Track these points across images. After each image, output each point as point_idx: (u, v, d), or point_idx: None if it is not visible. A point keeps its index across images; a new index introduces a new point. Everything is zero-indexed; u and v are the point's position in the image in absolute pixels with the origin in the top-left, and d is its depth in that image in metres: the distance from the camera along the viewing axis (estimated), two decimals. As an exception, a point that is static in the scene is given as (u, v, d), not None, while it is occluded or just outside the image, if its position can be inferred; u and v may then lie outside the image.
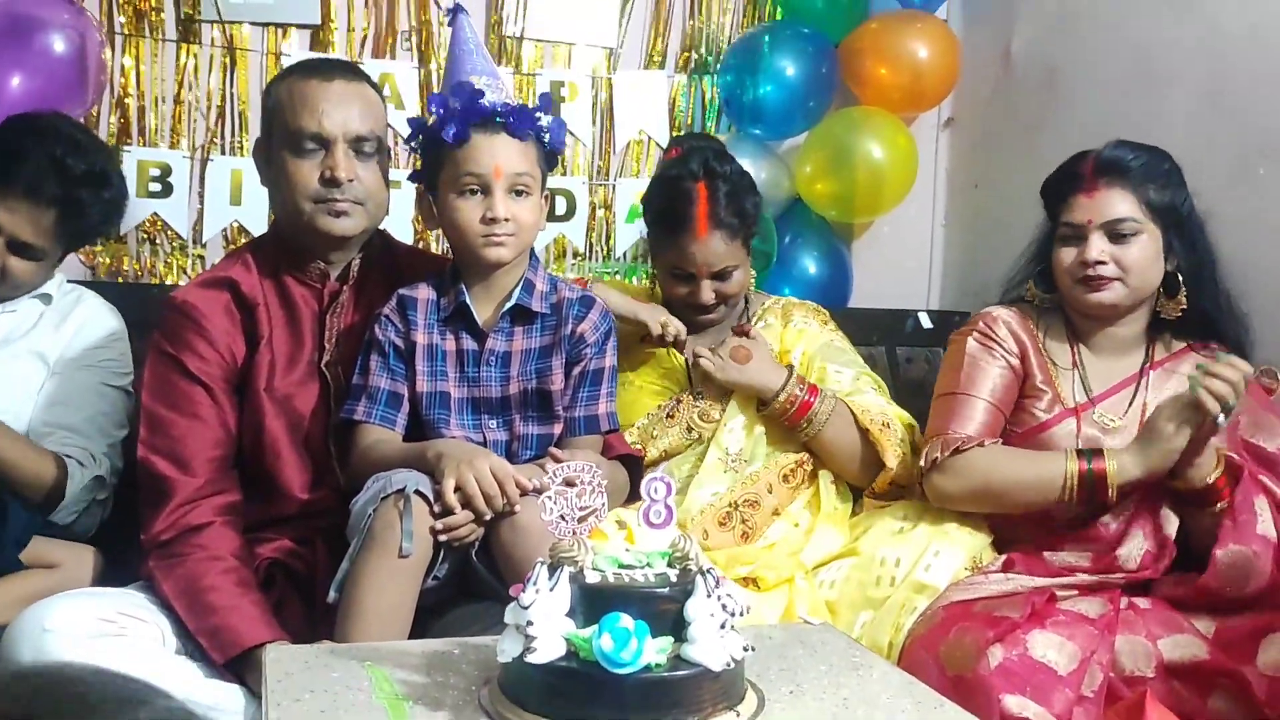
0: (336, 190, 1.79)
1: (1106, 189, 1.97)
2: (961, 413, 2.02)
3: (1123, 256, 1.96)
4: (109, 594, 1.70)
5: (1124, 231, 1.96)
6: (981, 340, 2.07)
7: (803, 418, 2.09)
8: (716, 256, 2.13)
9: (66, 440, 1.93)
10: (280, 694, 1.25)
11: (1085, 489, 1.88)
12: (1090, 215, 1.97)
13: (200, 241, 2.75)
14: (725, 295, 2.17)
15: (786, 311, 2.30)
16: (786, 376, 2.11)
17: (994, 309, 2.12)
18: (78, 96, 2.52)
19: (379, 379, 1.81)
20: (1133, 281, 1.97)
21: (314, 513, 1.84)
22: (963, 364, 2.06)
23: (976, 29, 3.03)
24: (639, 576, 1.22)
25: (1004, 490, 1.95)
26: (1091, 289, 1.98)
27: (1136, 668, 1.72)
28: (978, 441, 1.97)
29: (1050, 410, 2.02)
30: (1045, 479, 1.91)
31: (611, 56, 2.99)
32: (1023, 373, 2.06)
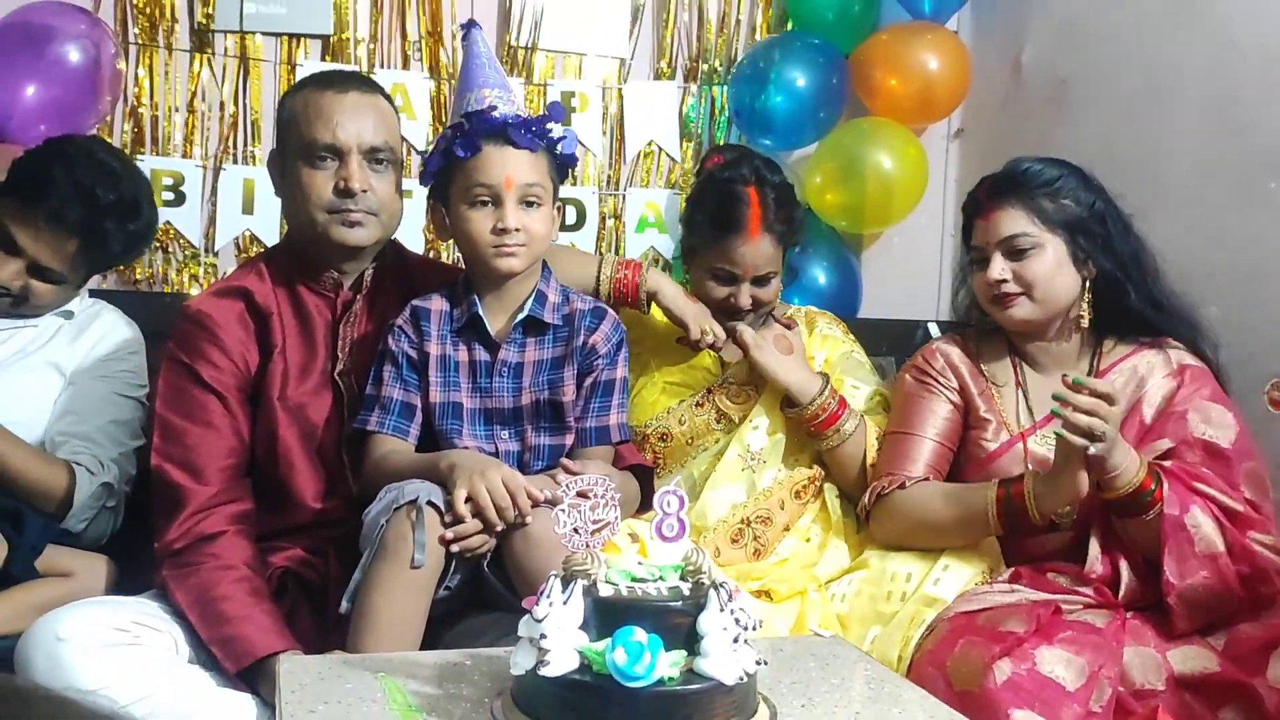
0: (350, 201, 1.80)
1: (998, 209, 2.00)
2: (905, 452, 2.04)
3: (1023, 272, 1.98)
4: (123, 603, 1.71)
5: (1020, 247, 1.98)
6: (918, 377, 2.10)
7: (829, 428, 2.11)
8: (763, 260, 2.15)
9: (78, 449, 1.93)
10: (294, 705, 1.26)
11: (1005, 515, 1.89)
12: (987, 237, 2.01)
13: (212, 250, 2.76)
14: (761, 302, 2.19)
15: (810, 319, 2.33)
16: (823, 384, 2.12)
17: (934, 342, 2.15)
18: (92, 106, 2.54)
19: (392, 389, 1.81)
20: (1038, 295, 1.98)
21: (326, 522, 1.85)
22: (904, 403, 2.09)
23: (987, 40, 3.04)
24: (652, 590, 1.23)
25: (931, 527, 1.96)
26: (1002, 307, 2.00)
27: (1146, 680, 1.72)
28: (899, 484, 1.99)
29: (996, 438, 2.03)
30: (969, 510, 1.92)
31: (622, 67, 3.00)
32: (963, 405, 2.07)
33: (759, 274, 2.16)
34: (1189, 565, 1.78)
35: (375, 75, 2.78)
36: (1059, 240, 1.99)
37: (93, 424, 1.98)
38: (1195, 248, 2.13)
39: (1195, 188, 2.31)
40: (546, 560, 1.59)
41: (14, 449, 1.85)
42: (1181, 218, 2.15)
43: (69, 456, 1.91)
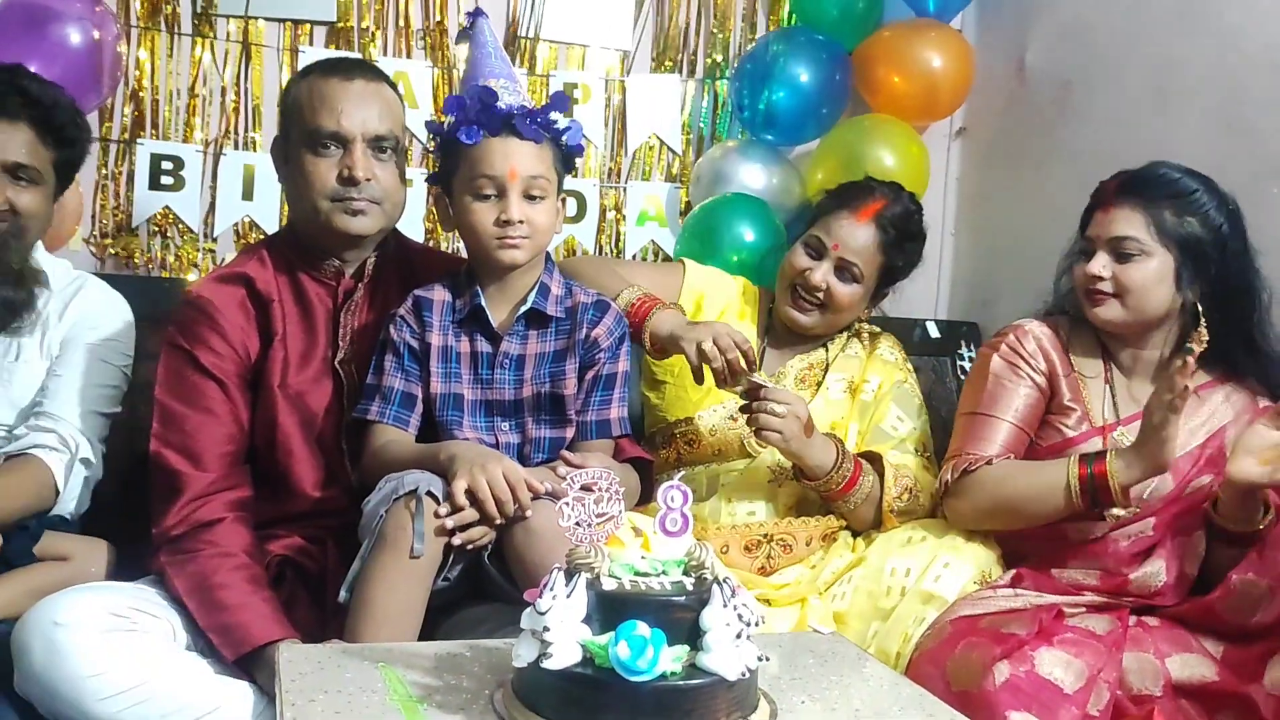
0: (354, 189, 1.80)
1: (1119, 207, 1.97)
2: (983, 434, 2.01)
3: (1122, 275, 1.95)
4: (120, 588, 1.70)
5: (1127, 251, 1.95)
6: (1008, 358, 2.05)
7: (849, 493, 2.06)
8: (856, 247, 2.15)
9: (42, 434, 1.88)
10: (295, 694, 1.26)
11: (1088, 492, 1.87)
12: (1100, 231, 1.98)
13: (211, 235, 2.75)
14: (834, 298, 2.16)
15: (873, 340, 2.30)
16: (837, 452, 2.05)
17: (1026, 322, 2.09)
18: (92, 88, 2.52)
19: (393, 379, 1.81)
20: (1130, 301, 1.96)
21: (325, 511, 1.84)
22: (987, 382, 2.04)
23: (991, 39, 3.03)
24: (655, 584, 1.23)
25: (1014, 504, 1.94)
26: (1092, 303, 1.99)
27: (1144, 686, 1.72)
28: (986, 460, 1.97)
29: (1078, 427, 2.01)
30: (1050, 487, 1.90)
31: (625, 59, 2.99)
32: (1049, 390, 2.04)
33: (845, 260, 2.15)
34: (1268, 570, 1.76)
35: (379, 63, 2.77)
36: (1168, 255, 1.95)
37: (62, 391, 1.93)
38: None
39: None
40: (547, 553, 1.58)
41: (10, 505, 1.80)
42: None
43: (30, 445, 1.86)
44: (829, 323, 2.22)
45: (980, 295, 3.05)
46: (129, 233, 2.71)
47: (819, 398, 2.20)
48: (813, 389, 2.21)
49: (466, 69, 1.92)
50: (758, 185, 2.87)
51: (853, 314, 2.24)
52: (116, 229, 2.71)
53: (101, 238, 2.70)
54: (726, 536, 2.05)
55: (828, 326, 2.23)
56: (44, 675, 1.52)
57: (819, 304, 2.19)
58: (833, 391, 2.21)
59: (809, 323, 2.20)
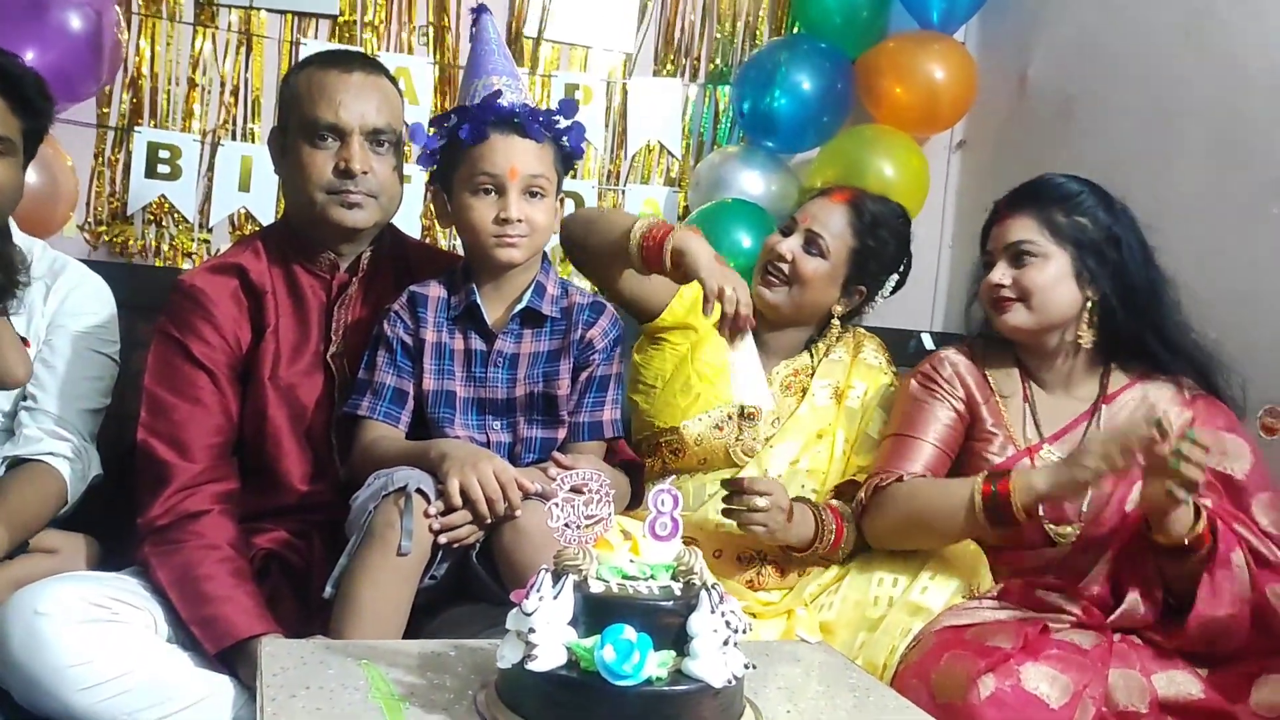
0: (350, 182, 1.79)
1: (1012, 216, 2.02)
2: (905, 454, 2.02)
3: (1021, 279, 1.98)
4: (102, 578, 1.69)
5: (1025, 253, 1.98)
6: (924, 383, 2.07)
7: (838, 547, 2.03)
8: (824, 224, 2.15)
9: (53, 442, 1.85)
10: (276, 689, 1.24)
11: (991, 509, 1.86)
12: (996, 242, 2.03)
13: (206, 226, 2.74)
14: (798, 271, 2.13)
15: (858, 343, 2.27)
16: (816, 520, 2.01)
17: (944, 350, 2.13)
18: (92, 74, 2.51)
19: (385, 375, 1.80)
20: (1034, 304, 1.98)
21: (312, 505, 1.83)
22: (908, 406, 2.07)
23: (994, 53, 3.03)
24: (643, 588, 1.22)
25: (922, 519, 1.93)
26: (999, 311, 2.01)
27: (1130, 703, 1.71)
28: (896, 476, 1.97)
29: (1002, 452, 2.01)
30: (956, 503, 1.89)
31: (628, 62, 2.99)
32: (969, 416, 2.05)
33: (812, 232, 2.13)
34: (1223, 601, 1.76)
35: (380, 58, 2.76)
36: (1065, 255, 1.98)
37: (64, 391, 1.91)
38: (1196, 270, 2.12)
39: (1199, 211, 2.30)
40: (535, 553, 1.57)
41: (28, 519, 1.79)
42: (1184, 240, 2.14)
43: (45, 453, 1.84)
44: (796, 303, 2.16)
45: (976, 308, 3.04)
46: (123, 220, 2.70)
47: (805, 404, 2.17)
48: (798, 395, 2.19)
49: (467, 64, 1.91)
50: (757, 192, 2.87)
51: (819, 295, 2.16)
52: (111, 216, 2.70)
53: (96, 225, 2.69)
54: (722, 541, 2.03)
55: (795, 308, 2.17)
56: (24, 664, 1.51)
57: (785, 278, 2.15)
58: (819, 398, 2.18)
59: (775, 299, 2.15)
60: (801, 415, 2.15)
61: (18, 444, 1.85)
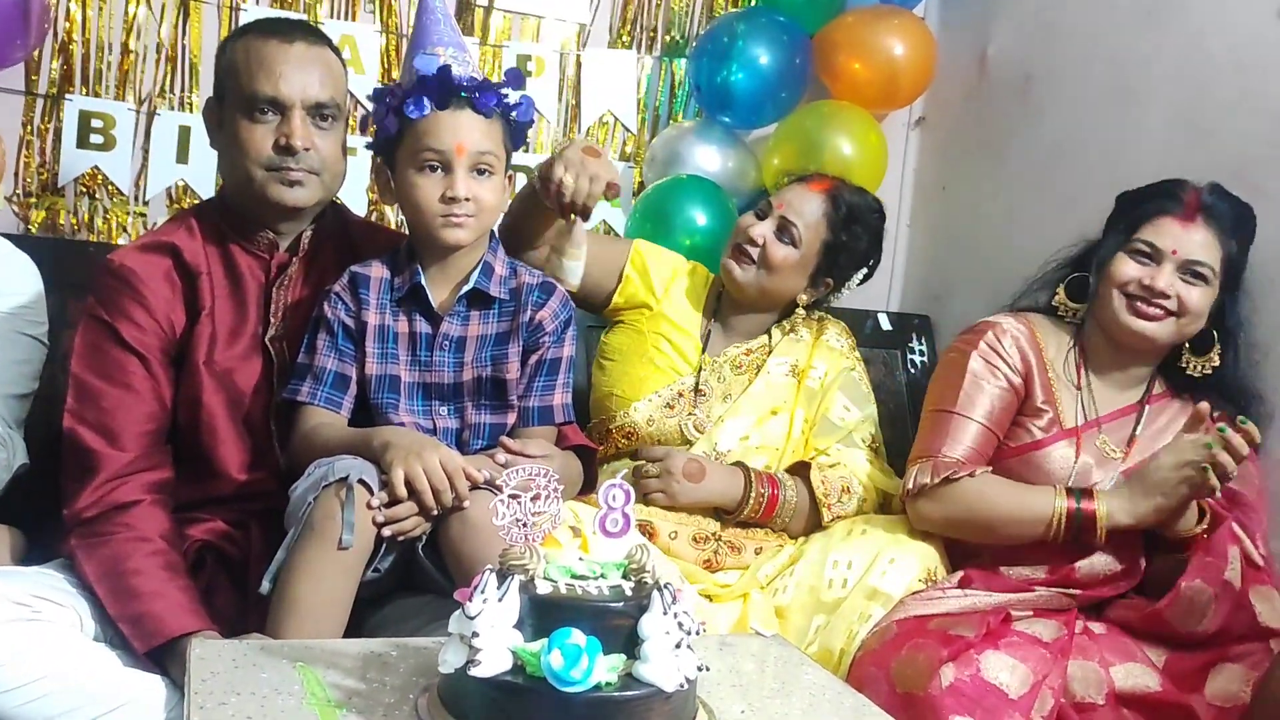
0: (291, 159, 1.71)
1: (1202, 227, 1.92)
2: (953, 434, 1.96)
3: (1187, 297, 1.90)
4: (23, 574, 1.61)
5: (1199, 273, 1.90)
6: (986, 356, 2.00)
7: (772, 515, 2.04)
8: (799, 210, 2.13)
9: None
10: (204, 696, 1.18)
11: (1073, 529, 1.84)
12: (1178, 245, 1.91)
13: (142, 199, 2.63)
14: (768, 256, 2.12)
15: (821, 326, 2.25)
16: (745, 480, 2.03)
17: (1002, 320, 2.04)
18: (19, 39, 2.39)
19: (326, 359, 1.73)
20: (1183, 324, 1.92)
21: (250, 495, 1.76)
22: (962, 381, 1.98)
23: (954, 30, 2.99)
24: (592, 589, 1.17)
25: (990, 523, 1.90)
26: (1139, 314, 1.92)
27: (1088, 694, 1.71)
28: (969, 470, 1.91)
29: (1048, 430, 1.97)
30: (1033, 515, 1.87)
31: (581, 33, 2.91)
32: (1024, 392, 2.00)
33: (787, 219, 2.12)
34: (1211, 579, 1.76)
35: (324, 25, 2.66)
36: (1217, 286, 1.93)
37: None
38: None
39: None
40: (484, 546, 1.52)
41: None
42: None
43: None
44: (762, 286, 2.15)
45: (933, 289, 3.02)
46: (54, 193, 2.58)
47: (759, 380, 2.15)
48: (751, 373, 2.17)
49: (412, 35, 1.83)
50: (713, 168, 2.81)
51: (786, 283, 2.15)
52: (41, 188, 2.58)
53: (25, 197, 2.57)
54: (677, 523, 2.00)
55: (761, 292, 2.15)
56: (-62, 667, 1.43)
57: (754, 261, 2.14)
58: (774, 375, 2.17)
59: (743, 278, 2.14)
60: (754, 392, 2.14)
61: None
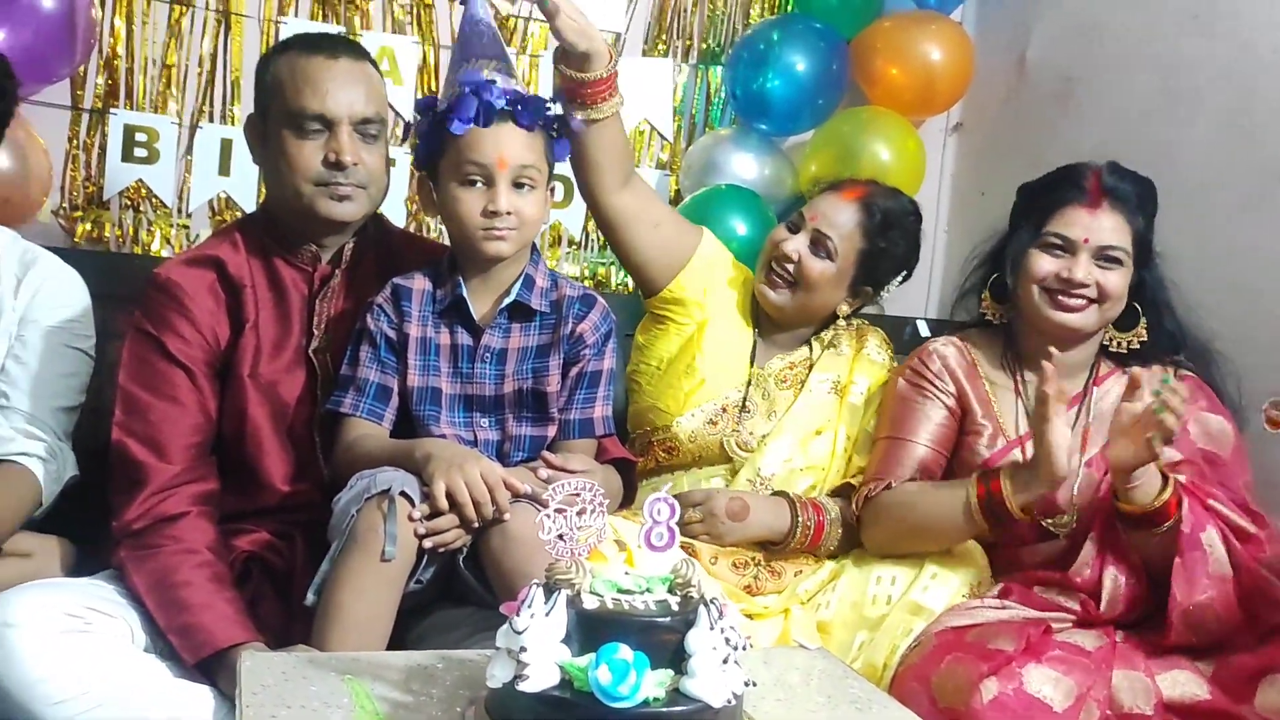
0: (340, 174, 1.72)
1: (1109, 211, 1.92)
2: (897, 457, 1.97)
3: (1105, 283, 1.91)
4: (76, 586, 1.63)
5: (1114, 257, 1.91)
6: (913, 380, 2.01)
7: (819, 542, 1.99)
8: (836, 219, 2.08)
9: (26, 441, 1.80)
10: (256, 709, 1.20)
11: (989, 511, 1.82)
12: (1088, 234, 1.92)
13: (185, 211, 2.66)
14: (804, 272, 2.07)
15: (861, 336, 2.20)
16: (790, 511, 1.98)
17: (933, 342, 2.06)
18: (65, 55, 2.43)
19: (368, 371, 1.74)
20: (1106, 309, 1.93)
21: (295, 505, 1.77)
22: (896, 407, 2.01)
23: (992, 34, 2.97)
24: (638, 604, 1.17)
25: (920, 527, 1.89)
26: (1062, 308, 1.92)
27: (1135, 705, 1.69)
28: (886, 484, 1.92)
29: (993, 445, 1.97)
30: (952, 508, 1.85)
31: (617, 42, 2.91)
32: (960, 410, 2.00)
33: (821, 233, 2.07)
34: (1198, 585, 1.73)
35: (363, 37, 2.69)
36: (1130, 262, 1.93)
37: (37, 389, 1.85)
38: (1199, 258, 2.08)
39: (1203, 196, 2.25)
40: (525, 558, 1.53)
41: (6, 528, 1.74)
42: (1187, 227, 2.10)
43: (18, 453, 1.78)
44: (801, 305, 2.11)
45: (972, 294, 2.99)
46: (100, 206, 2.63)
47: (802, 399, 2.11)
48: (795, 388, 2.13)
49: (456, 48, 1.84)
50: (750, 176, 2.81)
51: (824, 298, 2.12)
52: (87, 201, 2.63)
53: (71, 210, 2.61)
54: (716, 550, 1.98)
55: (800, 310, 2.12)
56: (-7, 678, 1.45)
57: (790, 280, 2.09)
58: (817, 393, 2.12)
59: (780, 301, 2.11)
60: (797, 411, 2.10)
61: None
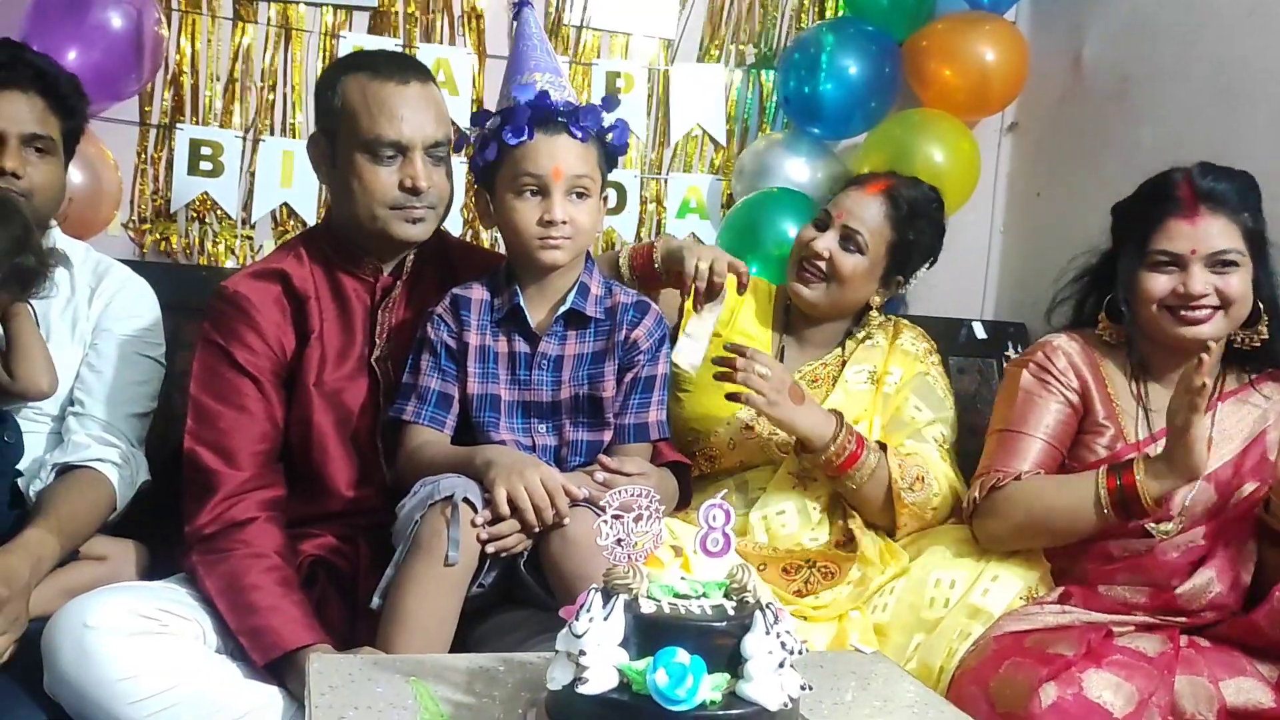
0: (415, 199, 1.76)
1: (1210, 216, 1.86)
2: (1015, 451, 1.94)
3: (1225, 288, 1.85)
4: (151, 589, 1.68)
5: (1227, 260, 1.85)
6: (1038, 374, 1.98)
7: (850, 469, 1.98)
8: (862, 216, 2.10)
9: (101, 449, 1.85)
10: (324, 709, 1.23)
11: (1119, 504, 1.80)
12: (1194, 245, 1.85)
13: (249, 222, 2.73)
14: (837, 268, 2.09)
15: (897, 330, 2.21)
16: (837, 425, 1.98)
17: (1055, 338, 2.02)
18: (133, 72, 2.50)
19: (429, 379, 1.77)
20: (1234, 314, 1.87)
21: (359, 510, 1.81)
22: (1016, 399, 1.98)
23: (1046, 33, 2.95)
24: (695, 608, 1.18)
25: (1046, 520, 1.87)
26: (1187, 322, 1.87)
27: (1198, 711, 1.67)
28: (1014, 476, 1.90)
29: (1112, 446, 1.93)
30: (1081, 500, 1.83)
31: (670, 48, 2.94)
32: (1082, 409, 1.97)
33: (850, 228, 2.09)
34: None
35: (419, 50, 2.74)
36: (1249, 260, 1.88)
37: (111, 396, 1.91)
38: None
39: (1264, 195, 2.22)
40: (583, 563, 1.55)
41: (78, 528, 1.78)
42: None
43: (95, 459, 1.84)
44: (834, 299, 2.13)
45: (1028, 296, 2.97)
46: (167, 218, 2.70)
47: (838, 390, 2.14)
48: (828, 385, 2.15)
49: (510, 61, 1.87)
50: (802, 179, 2.82)
51: (858, 292, 2.14)
52: (155, 214, 2.70)
53: (140, 223, 2.69)
54: (765, 556, 1.99)
55: (833, 304, 2.14)
56: (73, 678, 1.50)
57: (822, 275, 2.11)
58: (852, 384, 2.14)
59: (813, 297, 2.13)
60: (835, 402, 2.11)
61: (66, 451, 1.85)
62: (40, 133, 1.88)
